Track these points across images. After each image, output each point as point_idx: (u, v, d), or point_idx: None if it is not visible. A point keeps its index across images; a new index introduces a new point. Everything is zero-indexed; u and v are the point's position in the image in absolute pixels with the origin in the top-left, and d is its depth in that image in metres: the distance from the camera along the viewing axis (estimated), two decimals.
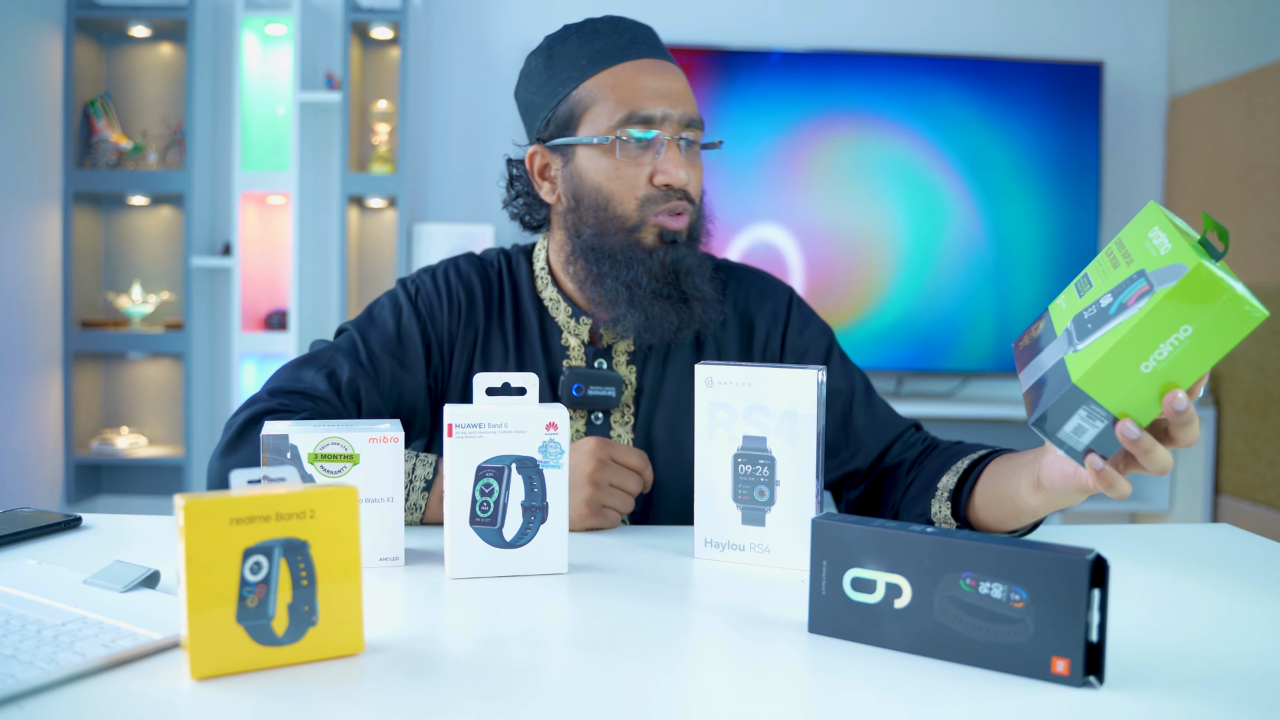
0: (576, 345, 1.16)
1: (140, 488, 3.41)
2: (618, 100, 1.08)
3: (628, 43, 1.10)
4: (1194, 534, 1.04)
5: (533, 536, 0.85)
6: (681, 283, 1.10)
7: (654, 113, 1.08)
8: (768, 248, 3.22)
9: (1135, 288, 0.72)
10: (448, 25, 3.40)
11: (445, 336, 1.15)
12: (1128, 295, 0.72)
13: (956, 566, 0.65)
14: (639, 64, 1.09)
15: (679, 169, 1.08)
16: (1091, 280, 0.79)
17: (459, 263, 1.20)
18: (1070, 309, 0.79)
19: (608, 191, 1.09)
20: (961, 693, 0.61)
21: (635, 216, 1.09)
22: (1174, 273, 0.69)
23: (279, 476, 0.66)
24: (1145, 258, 0.73)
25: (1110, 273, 0.77)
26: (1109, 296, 0.74)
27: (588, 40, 1.11)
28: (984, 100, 3.23)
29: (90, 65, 3.30)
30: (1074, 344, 0.75)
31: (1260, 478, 2.94)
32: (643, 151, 1.09)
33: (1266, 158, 2.92)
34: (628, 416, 1.15)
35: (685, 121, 1.09)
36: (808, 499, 0.89)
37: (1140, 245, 0.75)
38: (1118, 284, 0.74)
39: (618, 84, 1.08)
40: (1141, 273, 0.72)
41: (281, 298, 3.36)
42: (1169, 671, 0.65)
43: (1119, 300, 0.73)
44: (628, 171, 1.08)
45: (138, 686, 0.60)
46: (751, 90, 3.20)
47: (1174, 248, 0.71)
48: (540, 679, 0.64)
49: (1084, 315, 0.76)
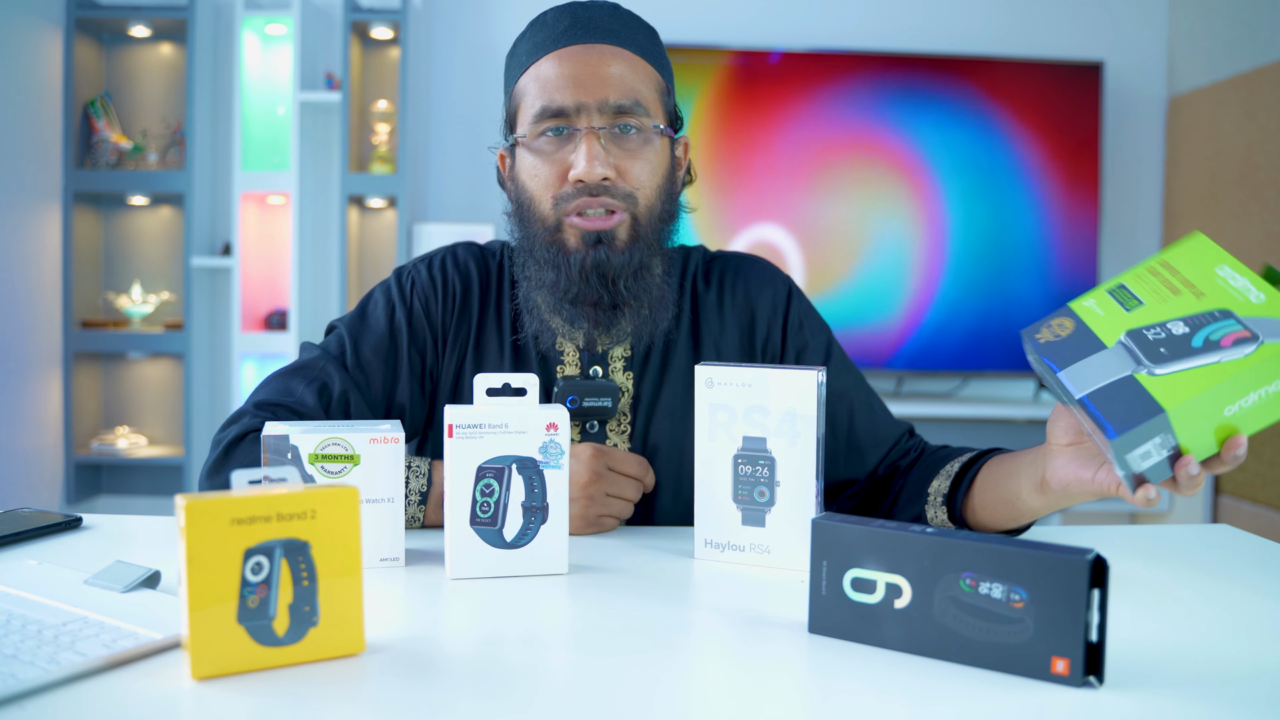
0: (572, 351, 1.11)
1: (140, 488, 3.41)
2: (536, 94, 1.03)
3: (564, 30, 1.04)
4: (1194, 534, 1.04)
5: (533, 537, 0.85)
6: (612, 287, 1.03)
7: (566, 104, 1.01)
8: (768, 248, 3.22)
9: (1227, 328, 0.73)
10: (448, 25, 3.40)
11: (439, 329, 1.12)
12: (1217, 334, 0.73)
13: (956, 566, 0.65)
14: (565, 51, 1.03)
15: (590, 162, 1.00)
16: (1139, 297, 0.79)
17: (457, 251, 1.16)
18: (1115, 320, 0.78)
19: (530, 191, 1.05)
20: (961, 693, 0.61)
21: (552, 216, 1.04)
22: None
23: (280, 477, 0.66)
24: (1226, 299, 0.75)
25: (1170, 298, 0.77)
26: (1182, 326, 0.75)
27: (533, 31, 1.07)
28: (984, 100, 3.23)
29: (90, 65, 3.30)
30: (1146, 365, 0.74)
31: (1260, 478, 2.94)
32: (560, 146, 1.03)
33: (1266, 158, 2.92)
34: (624, 425, 1.11)
35: (610, 109, 1.01)
36: (808, 499, 0.89)
37: (1211, 281, 0.76)
38: (1192, 315, 0.75)
39: (539, 76, 1.03)
40: (1230, 314, 0.74)
41: (281, 298, 3.36)
42: (1169, 671, 0.65)
43: (1204, 335, 0.73)
44: (544, 169, 1.03)
45: (138, 686, 0.60)
46: (751, 90, 3.20)
47: (1269, 299, 0.73)
48: (540, 679, 0.64)
49: (1147, 335, 0.76)
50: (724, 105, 3.20)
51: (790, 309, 1.16)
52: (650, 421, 1.12)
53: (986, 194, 3.24)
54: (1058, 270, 3.26)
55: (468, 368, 1.12)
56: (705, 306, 1.15)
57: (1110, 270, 3.41)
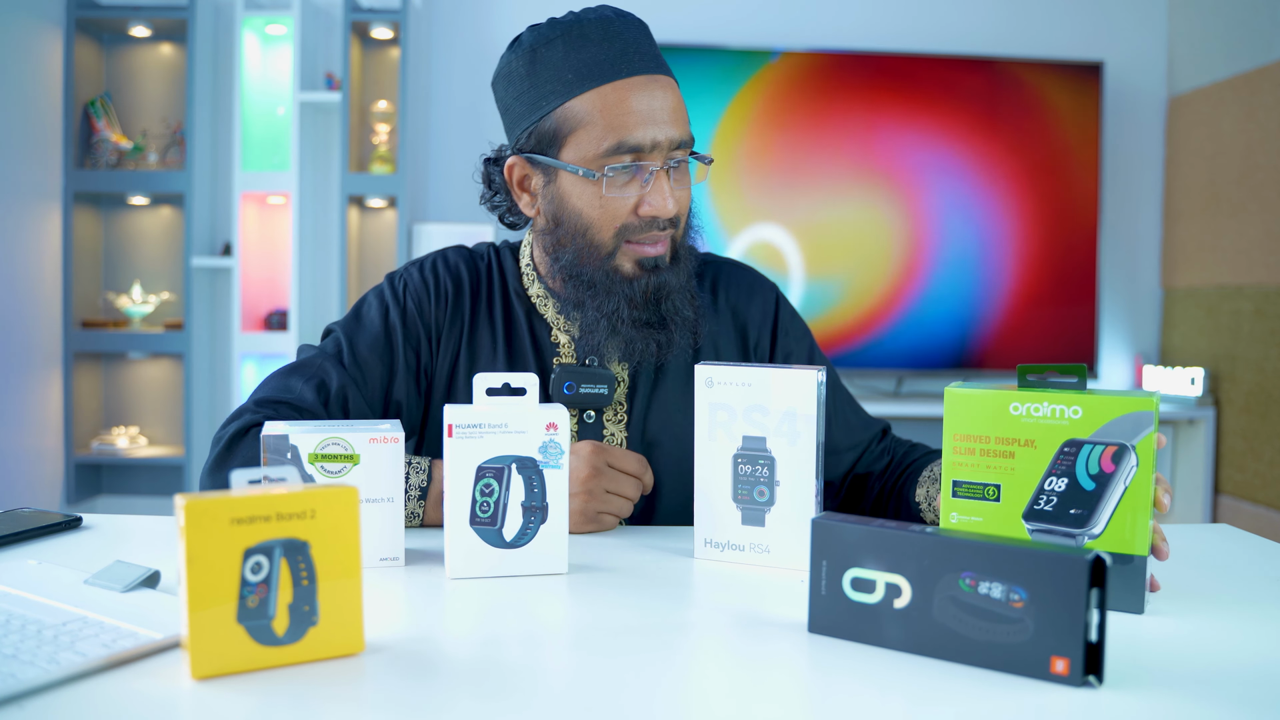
0: (567, 342, 1.14)
1: (140, 488, 3.41)
2: (605, 126, 1.02)
3: (618, 55, 1.04)
4: (1194, 534, 1.04)
5: (533, 537, 0.85)
6: (662, 307, 1.07)
7: (643, 142, 1.02)
8: (768, 248, 3.22)
9: (1093, 455, 0.76)
10: (448, 25, 3.41)
11: (433, 329, 1.13)
12: (1093, 466, 0.76)
13: (956, 566, 0.65)
14: (629, 83, 1.03)
15: (666, 199, 1.04)
16: (985, 483, 0.80)
17: (447, 254, 1.17)
18: (999, 518, 0.79)
19: (588, 219, 1.06)
20: (961, 693, 0.61)
21: (611, 244, 1.06)
22: (1143, 420, 0.74)
23: (279, 477, 0.66)
24: (1051, 432, 0.77)
25: (1011, 465, 0.78)
26: (1056, 480, 0.77)
27: (575, 48, 1.04)
28: (984, 100, 3.23)
29: (90, 65, 3.30)
30: (1079, 533, 0.77)
31: (1260, 478, 2.94)
32: (629, 180, 1.04)
33: (1266, 158, 2.92)
34: (620, 414, 1.13)
35: (674, 144, 1.05)
36: (807, 499, 0.89)
37: (1019, 426, 0.78)
38: (1051, 465, 0.77)
39: (606, 107, 1.02)
40: (1074, 442, 0.76)
41: (281, 298, 3.36)
42: (1169, 671, 0.65)
43: (1086, 474, 0.76)
44: (612, 203, 1.05)
45: (138, 686, 0.60)
46: (751, 90, 3.20)
47: (1085, 409, 0.76)
48: (540, 679, 0.64)
49: (1044, 509, 0.78)
50: (723, 105, 3.20)
51: (779, 315, 1.21)
52: (649, 413, 1.14)
53: (987, 194, 3.24)
54: (1058, 270, 3.26)
55: (461, 364, 1.13)
56: (701, 305, 1.17)
57: (1110, 269, 3.41)
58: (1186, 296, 3.31)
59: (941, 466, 0.90)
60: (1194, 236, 3.27)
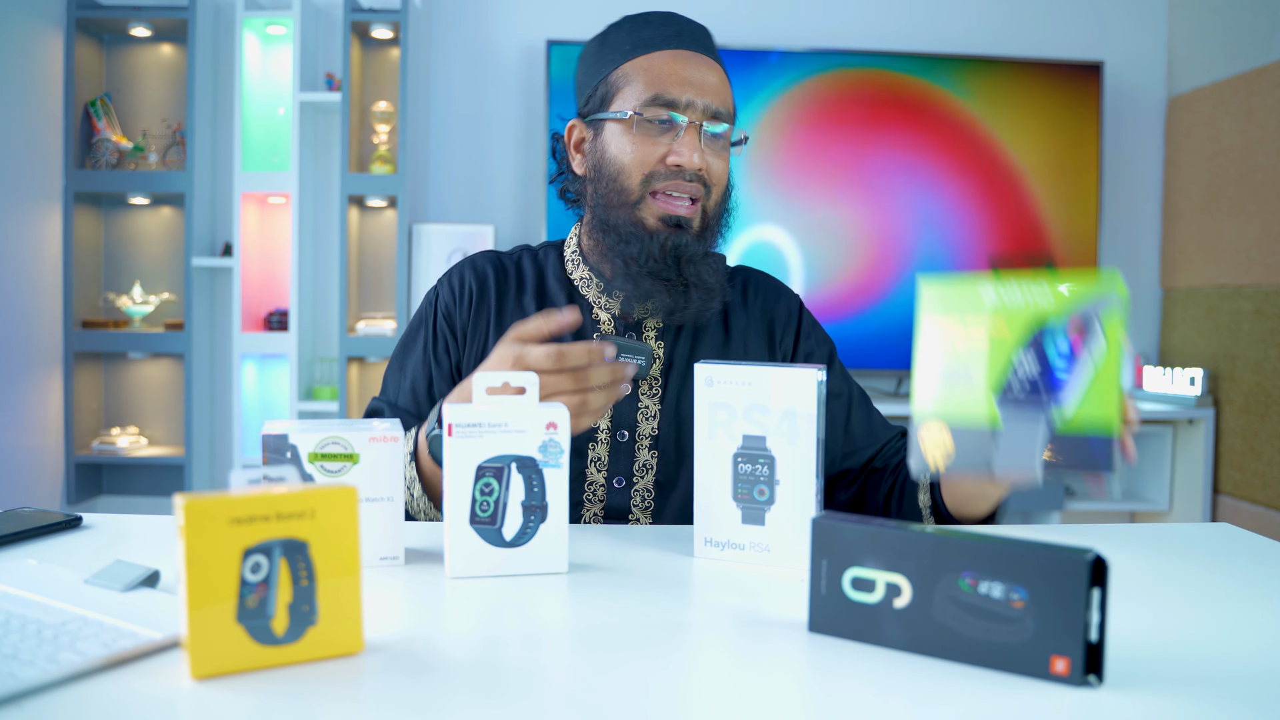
0: (607, 319, 1.20)
1: (141, 488, 3.41)
2: (647, 82, 1.12)
3: (674, 34, 1.15)
4: (1194, 533, 1.04)
5: (532, 536, 0.85)
6: (683, 269, 1.12)
7: (679, 97, 1.11)
8: (768, 248, 3.22)
9: (1061, 333, 0.79)
10: (448, 25, 3.40)
11: (458, 328, 1.20)
12: (1064, 345, 0.79)
13: (956, 566, 0.65)
14: (678, 53, 1.13)
15: (693, 152, 1.10)
16: (959, 370, 0.83)
17: (475, 258, 1.25)
18: (967, 399, 0.83)
19: (620, 164, 1.13)
20: (961, 692, 0.61)
21: (638, 191, 1.12)
22: (1110, 302, 0.78)
23: (279, 476, 0.66)
24: (1026, 314, 0.80)
25: (981, 349, 0.82)
26: (1026, 359, 0.80)
27: (638, 28, 1.16)
28: (984, 100, 3.23)
29: (91, 65, 3.30)
30: (1047, 406, 0.80)
31: (1259, 478, 2.94)
32: (662, 133, 1.12)
33: (1266, 158, 2.92)
34: (655, 389, 1.18)
35: (711, 112, 1.12)
36: (807, 498, 0.89)
37: (996, 310, 0.81)
38: (1026, 346, 0.80)
39: (652, 67, 1.13)
40: (1045, 324, 0.80)
41: (282, 298, 3.36)
42: (1169, 671, 0.65)
43: (1056, 354, 0.79)
44: (643, 148, 1.12)
45: (138, 686, 0.60)
46: (751, 90, 3.20)
47: (1057, 291, 0.80)
48: (540, 679, 0.64)
49: (1013, 387, 0.81)
50: None
51: (802, 319, 1.28)
52: (682, 389, 1.18)
53: (986, 194, 3.24)
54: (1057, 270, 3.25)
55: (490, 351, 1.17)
56: (732, 302, 1.24)
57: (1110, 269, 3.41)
58: (1186, 297, 3.31)
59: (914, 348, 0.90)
60: (1193, 236, 3.27)
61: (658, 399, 1.17)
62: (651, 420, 1.16)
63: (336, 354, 3.30)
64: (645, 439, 1.16)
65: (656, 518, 1.15)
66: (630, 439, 1.15)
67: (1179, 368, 3.25)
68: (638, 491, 1.15)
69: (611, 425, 1.16)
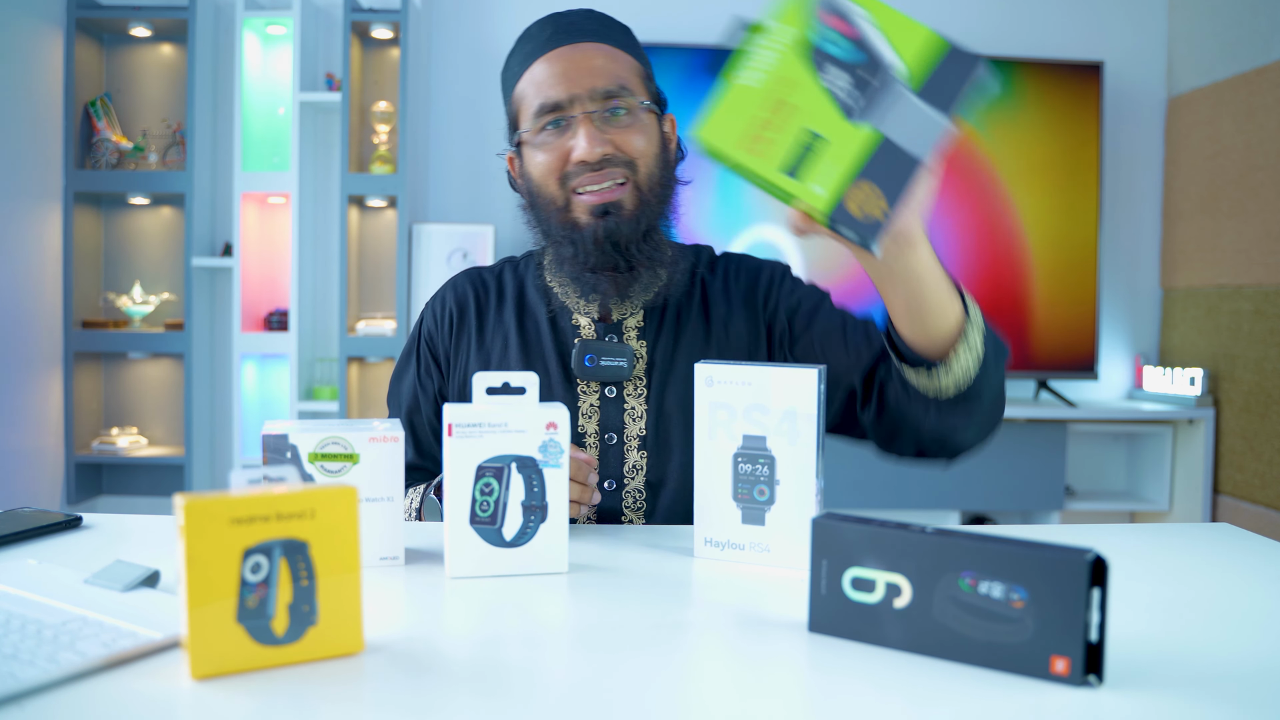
0: (587, 324, 1.19)
1: (141, 488, 3.41)
2: (533, 96, 1.13)
3: (548, 38, 1.15)
4: (1194, 533, 1.04)
5: (532, 536, 0.85)
6: (624, 251, 1.13)
7: (560, 99, 1.12)
8: (768, 248, 3.22)
9: (828, 38, 0.80)
10: (448, 25, 3.40)
11: (440, 354, 1.24)
12: (838, 40, 0.80)
13: (956, 566, 0.65)
14: (551, 55, 1.13)
15: (589, 142, 1.10)
16: (796, 149, 0.80)
17: (456, 280, 1.28)
18: (830, 156, 0.79)
19: (539, 179, 1.15)
20: (961, 692, 0.61)
21: (561, 196, 1.14)
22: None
23: (279, 476, 0.66)
24: (790, 58, 0.80)
25: (791, 120, 0.79)
26: (837, 76, 0.80)
27: (521, 44, 1.18)
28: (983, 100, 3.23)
29: (91, 65, 3.30)
30: (882, 84, 0.80)
31: (1260, 478, 2.94)
32: (560, 136, 1.13)
33: (1266, 158, 2.92)
34: (640, 389, 1.17)
35: (600, 95, 1.12)
36: (808, 498, 0.89)
37: (770, 95, 0.80)
38: (819, 75, 0.80)
39: (534, 79, 1.14)
40: (812, 44, 0.80)
41: (282, 298, 3.36)
42: (1169, 671, 0.65)
43: (843, 49, 0.80)
44: (549, 158, 1.13)
45: (138, 686, 0.60)
46: None
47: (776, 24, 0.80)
48: (540, 679, 0.64)
49: (854, 101, 0.80)
50: None
51: (787, 276, 1.26)
52: (665, 387, 1.17)
53: (986, 194, 3.24)
54: (1057, 270, 3.26)
55: (473, 373, 1.19)
56: (712, 291, 1.23)
57: (1110, 269, 3.41)
58: (1186, 297, 3.31)
59: (753, 173, 0.82)
60: (1193, 237, 3.27)
61: (643, 399, 1.17)
62: (639, 421, 1.16)
63: (336, 354, 3.30)
64: (634, 440, 1.16)
65: (649, 518, 1.15)
66: (619, 441, 1.16)
67: (1179, 368, 3.25)
68: (629, 493, 1.15)
69: (600, 428, 1.16)
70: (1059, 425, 3.15)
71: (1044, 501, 3.16)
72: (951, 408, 1.03)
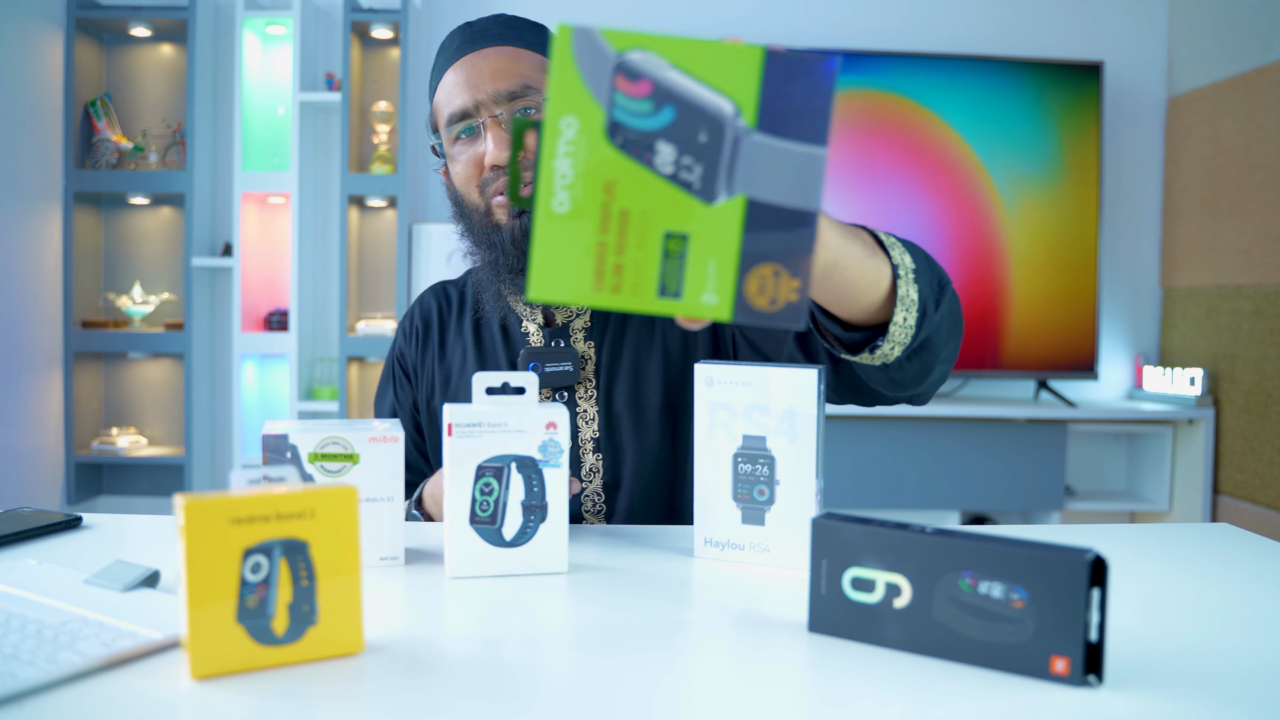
0: (535, 330, 1.19)
1: (141, 488, 3.41)
2: (443, 106, 1.13)
3: (460, 44, 1.14)
4: (1194, 533, 1.04)
5: (532, 536, 0.85)
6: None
7: (466, 105, 1.11)
8: None
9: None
10: (448, 25, 3.41)
11: (411, 373, 1.27)
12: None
13: (956, 566, 0.65)
14: (457, 65, 1.13)
15: (497, 145, 1.10)
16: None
17: (424, 295, 1.30)
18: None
19: (459, 187, 1.15)
20: (961, 692, 0.61)
21: (481, 203, 1.13)
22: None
23: (279, 476, 0.66)
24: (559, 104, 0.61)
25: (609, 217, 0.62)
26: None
27: (438, 57, 1.17)
28: (984, 100, 3.23)
29: (91, 65, 3.30)
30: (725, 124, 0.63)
31: (1259, 478, 2.94)
32: (473, 142, 1.12)
33: (1266, 158, 2.92)
34: (590, 390, 1.17)
35: (504, 97, 1.10)
36: (808, 498, 0.89)
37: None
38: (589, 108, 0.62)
39: (444, 90, 1.14)
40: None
41: (282, 298, 3.36)
42: (1169, 671, 0.65)
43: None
44: (466, 166, 1.13)
45: (138, 686, 0.60)
46: None
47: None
48: (540, 679, 0.64)
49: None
50: None
51: None
52: (612, 385, 1.17)
53: (986, 194, 3.24)
54: (1058, 271, 3.26)
55: (437, 390, 1.24)
56: None
57: (1110, 269, 3.41)
58: (1186, 297, 3.31)
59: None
60: (1193, 237, 3.27)
61: (593, 400, 1.16)
62: (591, 424, 1.15)
63: (336, 354, 3.30)
64: (588, 443, 1.15)
65: (609, 519, 1.15)
66: (574, 445, 1.15)
67: (1179, 368, 3.25)
68: (588, 497, 1.15)
69: None
70: (1059, 425, 3.15)
71: (1044, 501, 3.16)
72: (906, 362, 0.96)
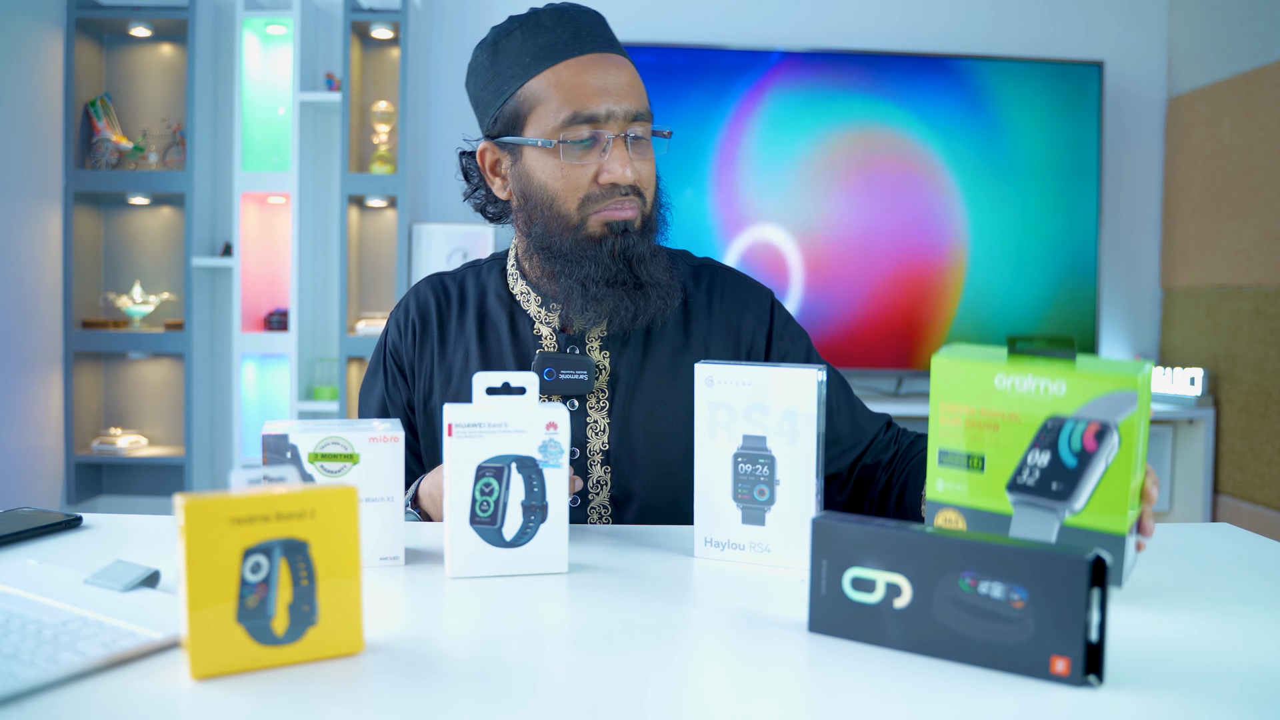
0: (549, 334, 1.16)
1: (141, 488, 3.41)
2: (561, 100, 1.06)
3: (571, 37, 1.08)
4: (1194, 534, 1.04)
5: (533, 536, 0.85)
6: (635, 270, 1.08)
7: (598, 112, 1.06)
8: (768, 248, 3.22)
9: (1076, 431, 0.76)
10: (448, 25, 3.41)
11: (405, 366, 1.21)
12: (1075, 443, 0.76)
13: (956, 566, 0.65)
14: (583, 60, 1.07)
15: (624, 167, 1.07)
16: (970, 453, 0.81)
17: (419, 288, 1.24)
18: (983, 487, 0.80)
19: (553, 191, 1.09)
20: (961, 692, 0.61)
21: (578, 215, 1.08)
22: (1126, 399, 0.75)
23: (279, 476, 0.66)
24: (1036, 406, 0.77)
25: (995, 438, 0.79)
26: (1039, 454, 0.78)
27: (532, 35, 1.09)
28: (984, 100, 3.23)
29: (91, 65, 3.30)
30: (1061, 508, 0.78)
31: (1260, 478, 2.94)
32: (588, 151, 1.07)
33: (1266, 158, 2.92)
34: (603, 401, 1.14)
35: (631, 116, 1.07)
36: (808, 498, 0.89)
37: (1004, 399, 0.79)
38: (1035, 440, 0.78)
39: (561, 83, 1.07)
40: (1057, 419, 0.77)
41: (282, 298, 3.36)
42: (1169, 671, 0.65)
43: (1068, 450, 0.77)
44: (573, 172, 1.08)
45: (138, 686, 0.60)
46: (751, 90, 3.20)
47: (1070, 387, 0.77)
48: (540, 679, 0.64)
49: (1026, 482, 0.79)
50: (725, 106, 3.20)
51: (774, 319, 1.22)
52: (631, 400, 1.15)
53: (986, 194, 3.24)
54: (1057, 270, 3.26)
55: (436, 387, 1.19)
56: (695, 304, 1.19)
57: (1110, 269, 3.41)
58: (1186, 297, 3.31)
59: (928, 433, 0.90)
60: (1193, 237, 3.27)
61: (605, 412, 1.14)
62: (601, 435, 1.13)
63: (336, 354, 3.30)
64: (597, 454, 1.13)
65: None
66: (582, 455, 1.13)
67: (1179, 368, 3.25)
68: (594, 509, 1.13)
69: None
70: None
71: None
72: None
